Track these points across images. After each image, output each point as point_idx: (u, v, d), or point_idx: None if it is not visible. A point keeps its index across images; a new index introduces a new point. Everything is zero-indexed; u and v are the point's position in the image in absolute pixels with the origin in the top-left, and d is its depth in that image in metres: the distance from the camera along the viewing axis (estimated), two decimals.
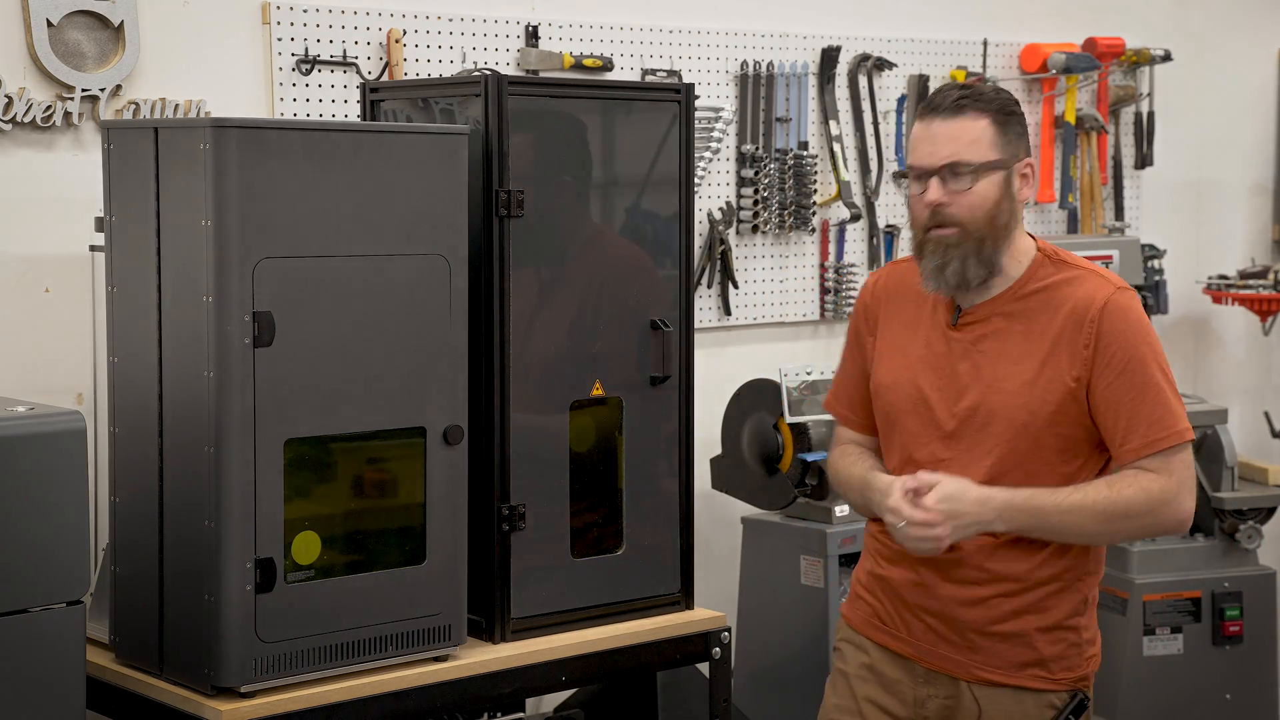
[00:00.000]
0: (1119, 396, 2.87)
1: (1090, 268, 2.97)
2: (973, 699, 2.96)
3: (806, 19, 4.80)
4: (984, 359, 2.93)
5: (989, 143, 2.91)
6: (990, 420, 2.91)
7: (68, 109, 3.58)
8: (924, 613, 2.97)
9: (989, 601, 2.93)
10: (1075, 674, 2.97)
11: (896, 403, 3.01)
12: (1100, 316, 2.88)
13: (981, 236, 2.90)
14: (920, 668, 2.99)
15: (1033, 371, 2.89)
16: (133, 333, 3.11)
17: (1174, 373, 2.99)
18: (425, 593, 3.17)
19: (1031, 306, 2.93)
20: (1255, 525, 4.62)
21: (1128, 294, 2.93)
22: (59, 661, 2.92)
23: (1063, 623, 2.95)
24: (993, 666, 2.94)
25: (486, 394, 3.31)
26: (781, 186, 4.69)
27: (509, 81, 3.29)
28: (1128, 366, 2.87)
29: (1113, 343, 2.87)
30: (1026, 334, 2.92)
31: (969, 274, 2.91)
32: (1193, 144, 5.76)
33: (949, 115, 2.91)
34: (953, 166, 2.89)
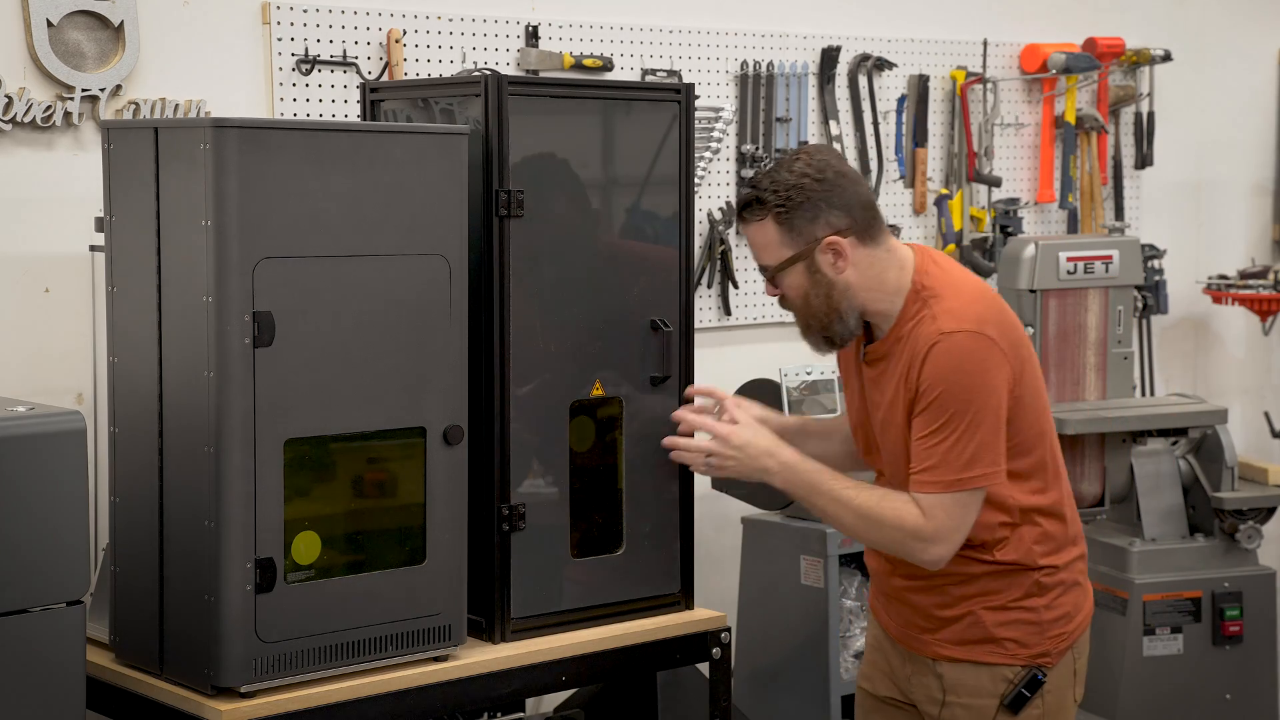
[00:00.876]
0: (917, 432, 3.02)
1: (940, 307, 3.02)
2: (936, 675, 3.13)
3: (806, 19, 4.80)
4: (875, 396, 3.14)
5: (777, 243, 3.07)
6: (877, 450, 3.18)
7: (68, 109, 3.58)
8: (892, 600, 3.20)
9: (940, 588, 3.10)
10: (1033, 650, 3.09)
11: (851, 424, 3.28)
12: (924, 359, 3.00)
13: (809, 321, 3.10)
14: (900, 647, 3.21)
15: (890, 412, 3.08)
16: (133, 333, 3.11)
17: (1174, 373, 3.03)
18: (425, 593, 3.17)
19: (901, 346, 3.07)
20: (1255, 525, 4.61)
21: (959, 337, 2.98)
22: (59, 661, 2.92)
23: (1012, 604, 3.09)
24: (949, 643, 3.11)
25: (486, 394, 3.31)
26: None
27: (509, 81, 3.29)
28: (929, 407, 2.99)
29: (924, 382, 3.00)
30: (890, 374, 3.08)
31: (819, 348, 3.14)
32: (1193, 144, 5.77)
33: (745, 225, 3.12)
34: (763, 269, 3.12)
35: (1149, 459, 4.63)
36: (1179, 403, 4.77)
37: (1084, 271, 4.61)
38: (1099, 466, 4.56)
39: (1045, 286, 4.55)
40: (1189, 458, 4.67)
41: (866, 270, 3.06)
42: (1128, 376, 4.70)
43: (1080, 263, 4.60)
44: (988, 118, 5.17)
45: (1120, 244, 4.70)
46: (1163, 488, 4.64)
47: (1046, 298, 4.56)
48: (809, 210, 3.04)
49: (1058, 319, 4.58)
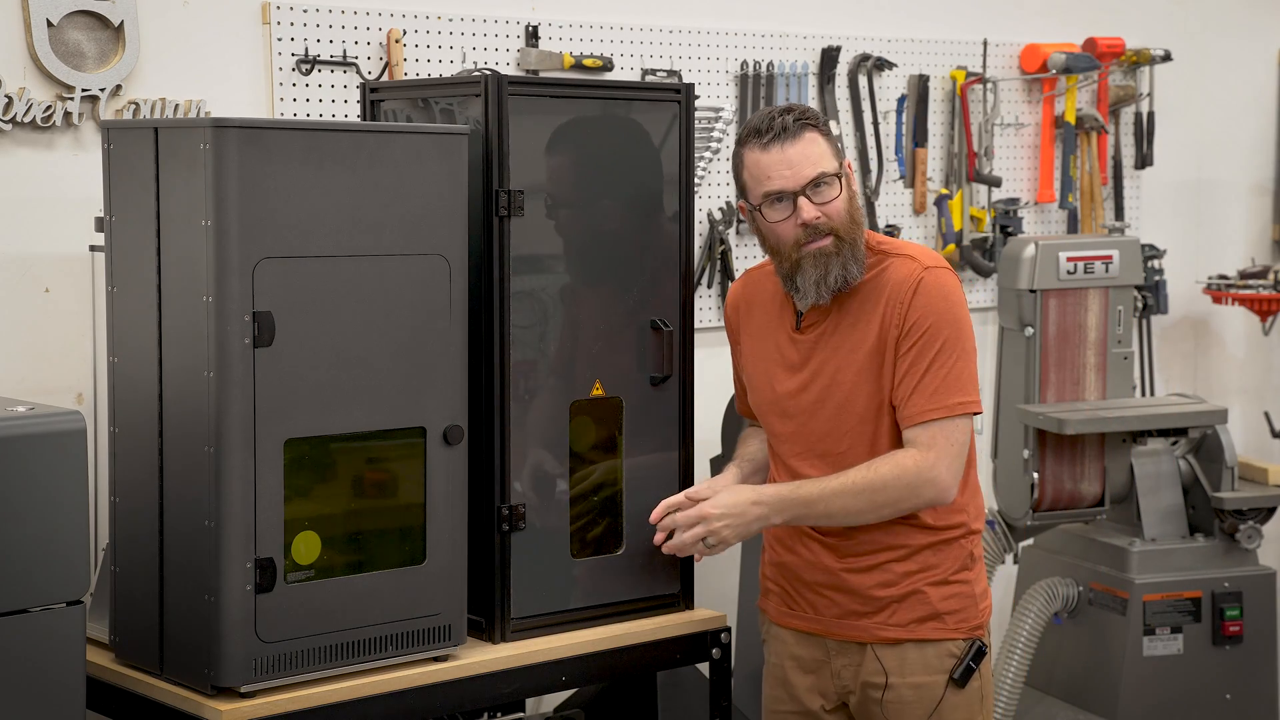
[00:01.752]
0: (909, 365, 3.08)
1: (905, 250, 3.16)
2: (876, 659, 3.15)
3: (806, 19, 4.80)
4: (824, 354, 3.16)
5: (830, 152, 3.14)
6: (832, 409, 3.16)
7: (68, 109, 3.58)
8: (823, 588, 3.20)
9: (881, 566, 3.15)
10: (971, 623, 3.17)
11: (759, 404, 3.29)
12: (910, 294, 3.08)
13: (853, 238, 3.12)
14: (831, 641, 3.21)
15: (863, 358, 3.11)
16: (133, 333, 3.11)
17: (1174, 373, 3.04)
18: (425, 593, 3.17)
19: (858, 296, 3.13)
20: (1255, 525, 4.61)
21: (940, 271, 3.12)
22: (59, 661, 2.92)
23: (951, 577, 3.17)
24: (892, 625, 3.15)
25: (486, 394, 3.31)
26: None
27: (509, 81, 3.29)
28: (922, 337, 3.07)
29: (914, 315, 3.08)
30: (854, 323, 3.14)
31: (850, 274, 3.12)
32: (1193, 144, 5.76)
33: (793, 138, 3.10)
34: (817, 180, 3.10)
35: (1149, 459, 4.63)
36: (1179, 403, 4.77)
37: (1084, 271, 4.60)
38: (1099, 466, 4.56)
39: (1045, 286, 4.55)
40: (1189, 458, 4.67)
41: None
42: (1128, 376, 4.69)
43: (1080, 263, 4.60)
44: (988, 118, 5.17)
45: (1120, 244, 4.69)
46: (1163, 488, 4.64)
47: (1046, 298, 4.55)
48: (833, 138, 3.17)
49: (1058, 319, 4.58)
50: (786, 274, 3.18)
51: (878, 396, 3.12)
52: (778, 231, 3.15)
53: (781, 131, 3.10)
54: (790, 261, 3.15)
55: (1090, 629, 4.64)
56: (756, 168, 3.14)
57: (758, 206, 3.16)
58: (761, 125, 3.12)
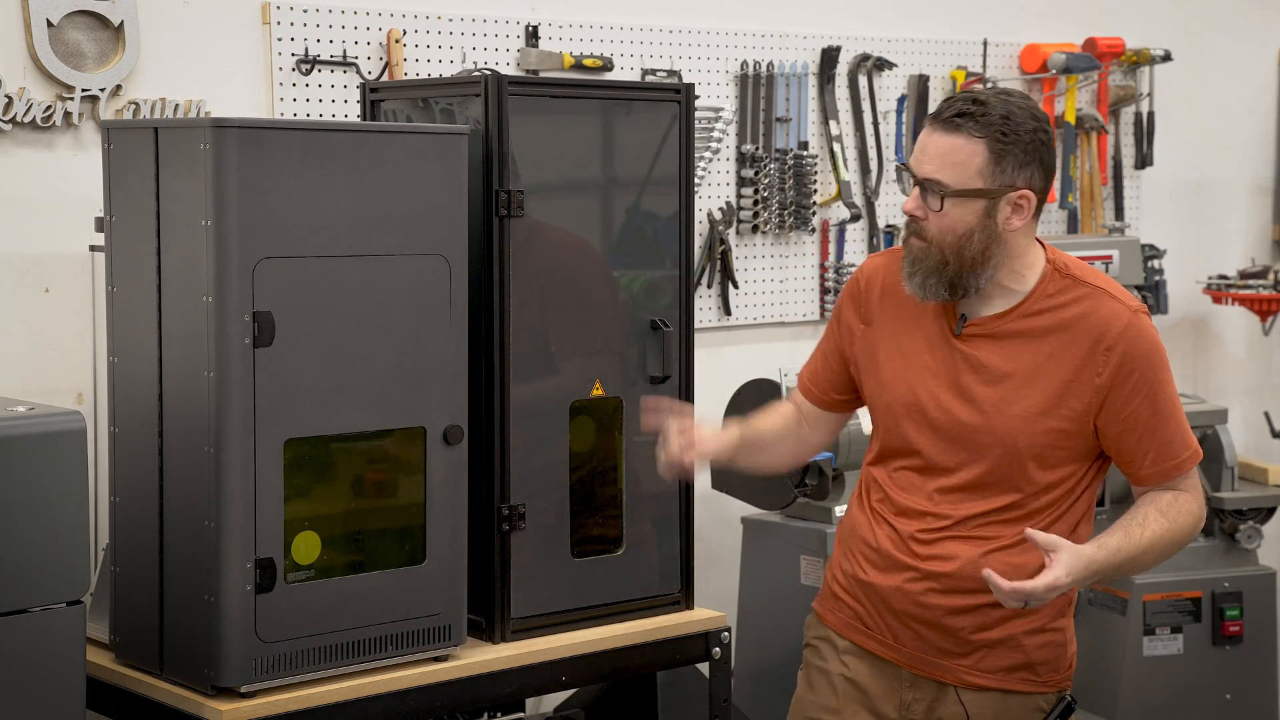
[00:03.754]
0: (1139, 421, 2.86)
1: (1103, 285, 2.91)
2: (959, 702, 2.93)
3: (806, 19, 4.80)
4: (988, 375, 2.88)
5: (976, 169, 2.81)
6: (990, 439, 2.87)
7: (68, 109, 3.58)
8: (912, 620, 2.93)
9: (979, 609, 2.89)
10: (1060, 675, 2.96)
11: (893, 404, 2.95)
12: (1119, 342, 2.84)
13: (946, 260, 2.83)
14: (906, 673, 2.96)
15: (1040, 395, 2.85)
16: (133, 333, 3.11)
17: (1174, 373, 2.99)
18: (425, 593, 3.17)
19: (1042, 326, 2.87)
20: (1255, 525, 4.61)
21: (1144, 316, 2.89)
22: (59, 661, 2.92)
23: (1048, 625, 2.94)
24: (981, 671, 2.92)
25: (486, 394, 3.31)
26: (781, 186, 4.69)
27: (509, 81, 3.29)
28: (1147, 392, 2.85)
29: (1133, 368, 2.84)
30: (1035, 354, 2.86)
31: (928, 292, 2.85)
32: (1193, 144, 5.76)
33: (945, 130, 2.82)
34: (930, 183, 2.82)
35: None
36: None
37: None
38: None
39: None
40: None
41: (1023, 237, 2.86)
42: None
43: None
44: None
45: (1120, 244, 4.70)
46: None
47: None
48: (1023, 155, 2.81)
49: None
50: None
51: (1045, 441, 2.85)
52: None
53: (938, 116, 2.83)
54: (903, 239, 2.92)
55: (1090, 629, 4.64)
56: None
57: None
58: (945, 101, 2.87)
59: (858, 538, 3.00)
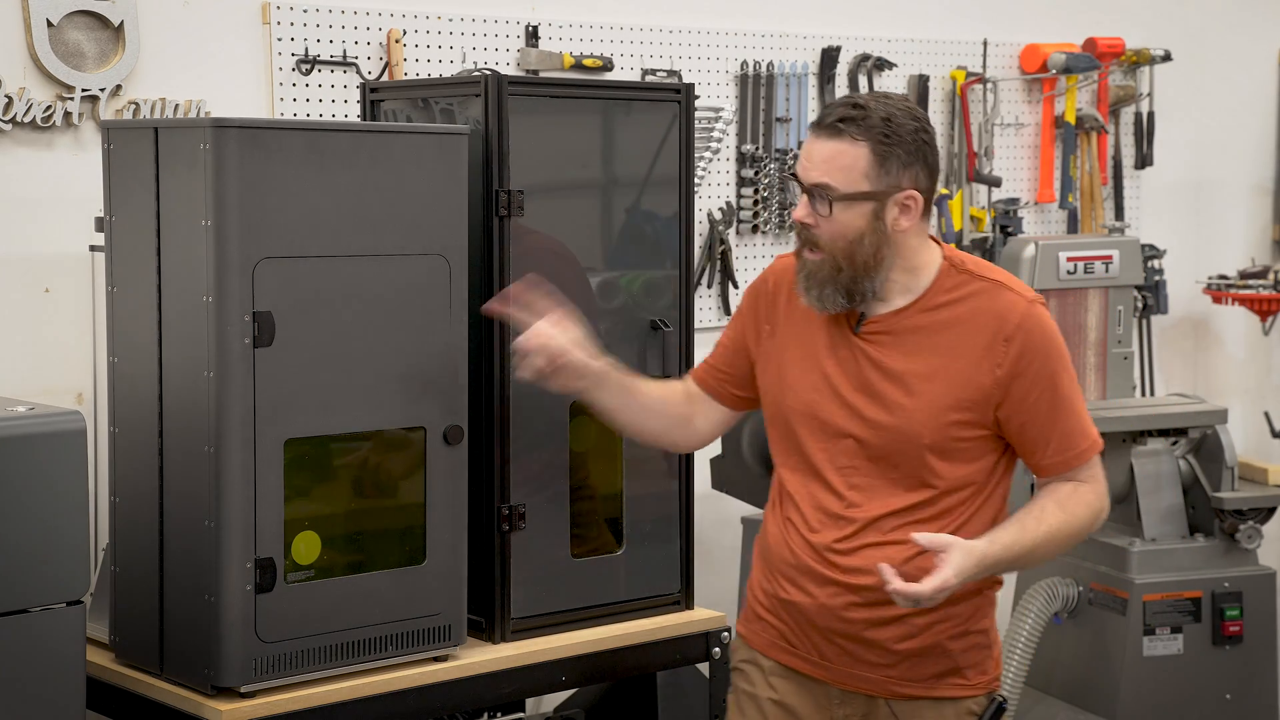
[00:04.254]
0: (1039, 412, 2.85)
1: (1000, 278, 2.90)
2: (890, 714, 2.92)
3: (806, 19, 4.80)
4: (890, 372, 2.86)
5: (861, 172, 2.78)
6: (895, 435, 2.85)
7: (68, 109, 3.58)
8: (836, 636, 2.89)
9: (902, 620, 2.86)
10: (988, 676, 2.95)
11: (796, 407, 2.93)
12: (1017, 333, 2.83)
13: (840, 266, 2.81)
14: (835, 689, 2.93)
15: (943, 391, 2.84)
16: (133, 333, 3.11)
17: (1174, 373, 2.99)
18: (425, 593, 3.17)
19: (940, 320, 2.86)
20: (1255, 525, 4.61)
21: (1041, 306, 2.89)
22: (59, 661, 2.92)
23: (971, 628, 2.92)
24: (910, 680, 2.89)
25: (486, 394, 3.31)
26: (781, 186, 4.69)
27: (509, 81, 3.29)
28: (1047, 383, 2.84)
29: (1030, 359, 2.83)
30: (935, 349, 2.85)
31: (826, 303, 2.83)
32: (1193, 144, 5.76)
33: (827, 135, 2.80)
34: (818, 189, 2.79)
35: (1149, 459, 4.63)
36: (1179, 403, 4.77)
37: (1084, 271, 4.61)
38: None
39: (1045, 286, 4.55)
40: (1189, 458, 4.67)
41: (913, 237, 2.85)
42: (1128, 376, 4.70)
43: (1080, 263, 4.60)
44: (988, 118, 5.17)
45: (1120, 244, 4.70)
46: (1163, 488, 4.64)
47: (1046, 298, 4.53)
48: (907, 156, 2.79)
49: (1058, 319, 4.55)
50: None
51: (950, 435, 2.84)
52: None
53: (819, 123, 2.82)
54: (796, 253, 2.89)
55: (1090, 629, 4.64)
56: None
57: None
58: (826, 107, 2.85)
59: (775, 555, 2.97)
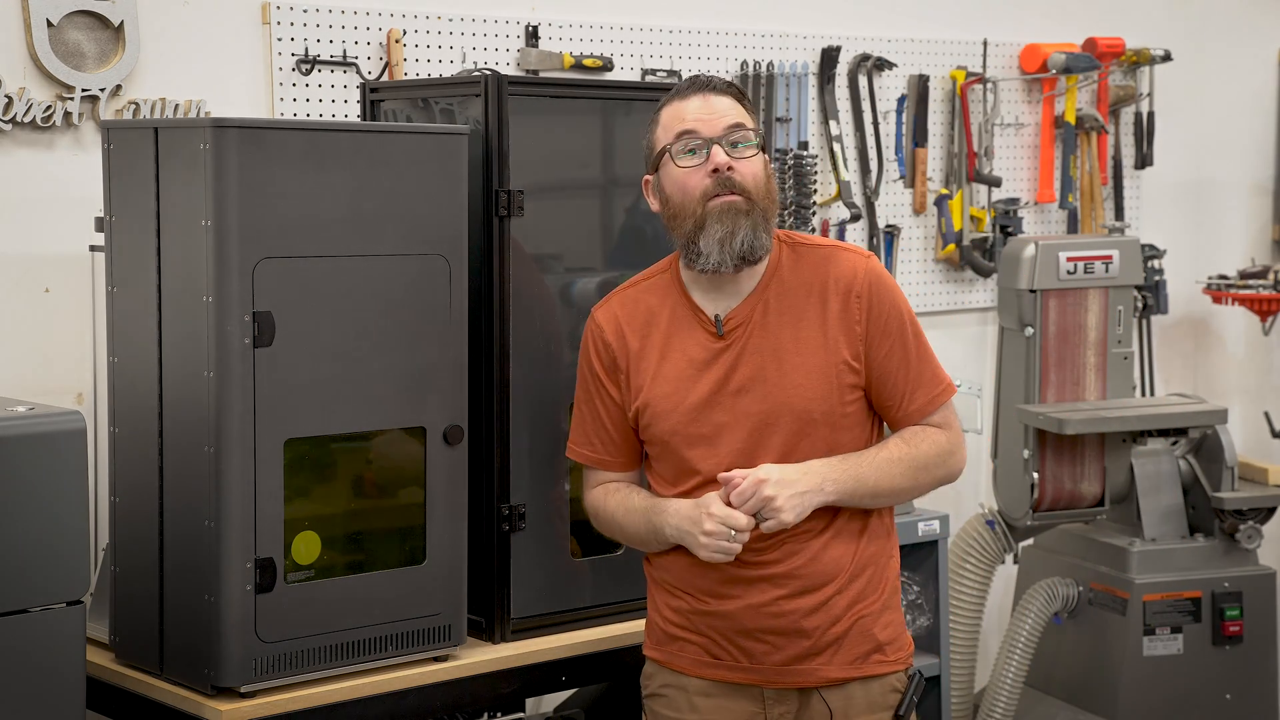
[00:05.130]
0: (895, 362, 2.94)
1: (831, 243, 3.04)
2: (822, 702, 2.96)
3: (806, 19, 4.80)
4: (760, 358, 2.92)
5: (751, 120, 2.96)
6: (781, 417, 2.91)
7: (68, 109, 3.58)
8: (766, 634, 2.94)
9: (827, 604, 2.93)
10: (905, 652, 3.04)
11: (674, 427, 2.96)
12: (865, 288, 2.94)
13: (765, 208, 2.92)
14: (769, 690, 2.97)
15: (813, 358, 2.93)
16: (133, 333, 3.11)
17: (1174, 373, 3.01)
18: (425, 593, 3.17)
19: (789, 293, 2.95)
20: (1255, 525, 4.61)
21: (876, 260, 3.01)
22: (59, 661, 2.92)
23: (888, 604, 3.00)
24: (839, 664, 2.95)
25: (486, 394, 3.31)
26: (781, 186, 4.69)
27: (509, 81, 3.29)
28: (898, 332, 2.95)
29: (880, 312, 2.94)
30: (795, 322, 2.94)
31: (758, 243, 2.89)
32: (1193, 144, 5.76)
33: (719, 92, 2.93)
34: (737, 129, 2.90)
35: (1149, 459, 4.64)
36: (1179, 403, 4.77)
37: (1084, 271, 4.61)
38: (1099, 466, 4.56)
39: (1045, 286, 4.55)
40: (1189, 458, 4.68)
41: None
42: (1128, 376, 4.70)
43: (1080, 263, 4.60)
44: (988, 118, 5.17)
45: (1120, 244, 4.70)
46: (1163, 488, 4.65)
47: (1046, 298, 4.56)
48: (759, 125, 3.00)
49: (1058, 319, 4.58)
50: (689, 235, 2.91)
51: (833, 400, 2.91)
52: (685, 183, 2.90)
53: (706, 84, 2.94)
54: (694, 218, 2.89)
55: (1090, 629, 4.64)
56: (672, 116, 2.93)
57: (667, 150, 2.92)
58: (684, 82, 2.97)
59: (682, 573, 3.00)
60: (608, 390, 3.05)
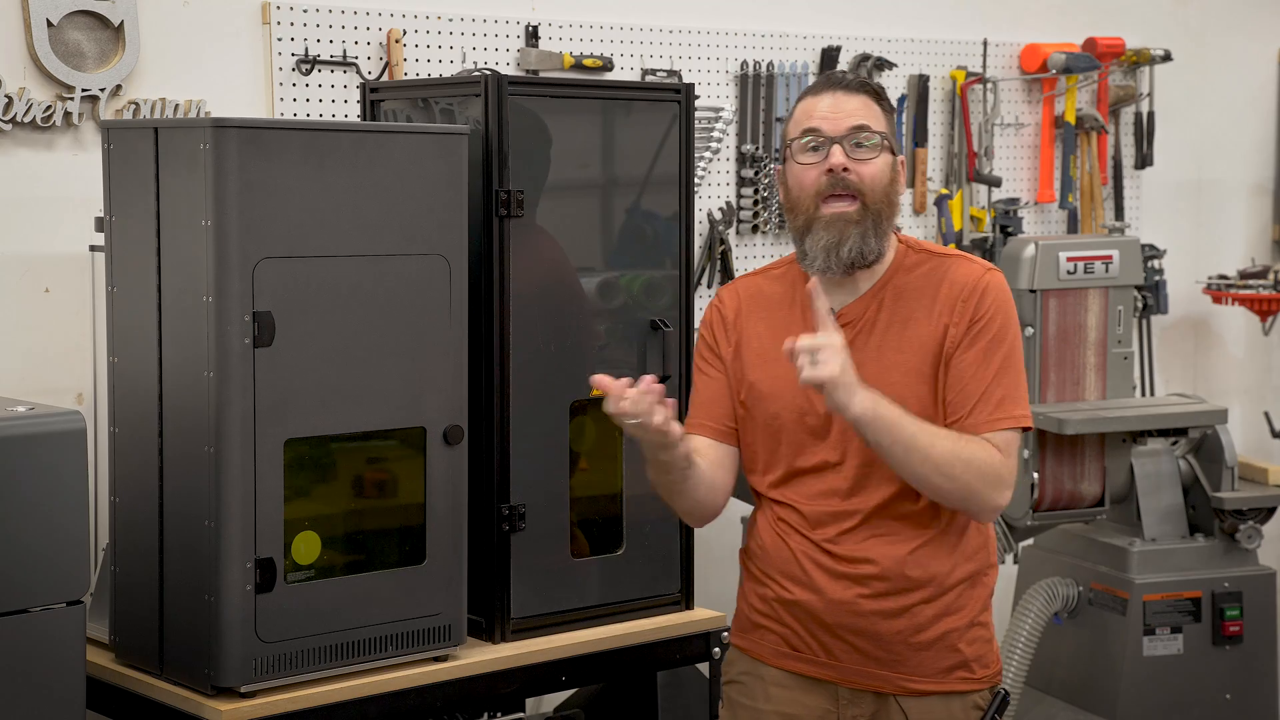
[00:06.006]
0: (975, 368, 2.85)
1: (956, 253, 2.98)
2: (900, 711, 2.91)
3: (806, 19, 4.80)
4: (863, 356, 2.87)
5: (886, 124, 2.92)
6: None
7: (68, 109, 3.58)
8: (846, 632, 2.89)
9: (911, 610, 2.88)
10: (992, 670, 2.96)
11: (780, 411, 2.93)
12: (976, 294, 2.87)
13: (879, 211, 2.87)
14: (845, 689, 2.92)
15: (914, 359, 2.88)
16: (133, 333, 3.11)
17: (1174, 373, 2.98)
18: (425, 593, 3.17)
19: (904, 295, 2.91)
20: (1255, 525, 4.61)
21: (999, 275, 2.93)
22: (59, 661, 2.92)
23: (976, 620, 2.94)
24: (920, 675, 2.90)
25: (486, 394, 3.31)
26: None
27: (509, 81, 3.29)
28: (991, 338, 2.86)
29: (983, 318, 2.86)
30: (904, 324, 2.90)
31: (866, 248, 2.87)
32: (1193, 144, 5.76)
33: (852, 91, 2.90)
34: (860, 130, 2.86)
35: (1149, 459, 4.63)
36: (1179, 403, 4.77)
37: (1084, 271, 4.60)
38: (1099, 466, 4.56)
39: (1045, 286, 4.55)
40: (1189, 458, 4.67)
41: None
42: (1128, 376, 4.69)
43: (1080, 263, 4.60)
44: (988, 118, 5.17)
45: (1120, 244, 4.69)
46: (1163, 488, 4.64)
47: (1046, 298, 4.55)
48: (893, 125, 2.95)
49: (1058, 319, 4.58)
50: (799, 232, 2.90)
51: (928, 403, 2.87)
52: (802, 179, 2.87)
53: (840, 82, 2.91)
54: (806, 216, 2.88)
55: (1090, 629, 4.64)
56: (802, 112, 2.90)
57: (790, 143, 2.89)
58: (821, 78, 2.95)
59: (771, 560, 2.97)
60: (718, 365, 3.03)
